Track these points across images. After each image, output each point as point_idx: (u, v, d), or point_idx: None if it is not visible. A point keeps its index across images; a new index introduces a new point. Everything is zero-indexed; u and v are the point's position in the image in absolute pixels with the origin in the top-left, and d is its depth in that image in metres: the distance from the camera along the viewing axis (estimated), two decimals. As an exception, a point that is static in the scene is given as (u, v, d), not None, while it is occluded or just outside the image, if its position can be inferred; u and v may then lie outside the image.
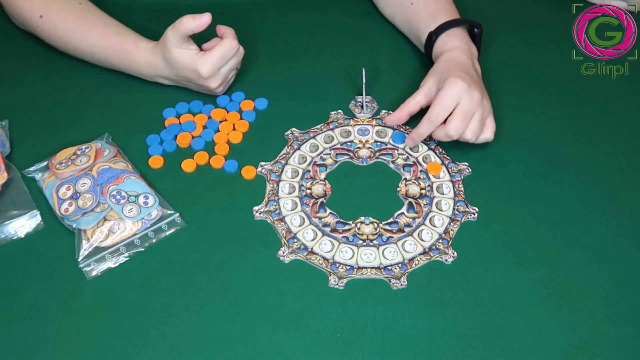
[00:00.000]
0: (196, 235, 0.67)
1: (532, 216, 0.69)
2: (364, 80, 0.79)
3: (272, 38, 0.89)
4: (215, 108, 0.79)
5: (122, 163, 0.71)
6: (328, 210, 0.70)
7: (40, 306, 0.62)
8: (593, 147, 0.76)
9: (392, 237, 0.67)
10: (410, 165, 0.74)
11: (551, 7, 0.94)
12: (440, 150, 0.76)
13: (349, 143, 0.77)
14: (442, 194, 0.71)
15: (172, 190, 0.71)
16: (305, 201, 0.70)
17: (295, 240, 0.67)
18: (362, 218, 0.69)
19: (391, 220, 0.69)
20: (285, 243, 0.67)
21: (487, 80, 0.79)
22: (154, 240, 0.67)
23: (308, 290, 0.63)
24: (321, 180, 0.73)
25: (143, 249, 0.66)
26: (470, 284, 0.64)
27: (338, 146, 0.76)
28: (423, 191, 0.72)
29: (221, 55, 0.73)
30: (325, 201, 0.71)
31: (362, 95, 0.80)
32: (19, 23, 0.85)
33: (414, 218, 0.69)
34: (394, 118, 0.75)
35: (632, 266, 0.65)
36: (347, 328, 0.61)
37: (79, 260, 0.64)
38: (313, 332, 0.60)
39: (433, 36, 0.79)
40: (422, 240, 0.67)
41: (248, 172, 0.73)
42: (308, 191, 0.71)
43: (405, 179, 0.73)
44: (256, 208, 0.70)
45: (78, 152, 0.72)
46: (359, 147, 0.76)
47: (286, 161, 0.74)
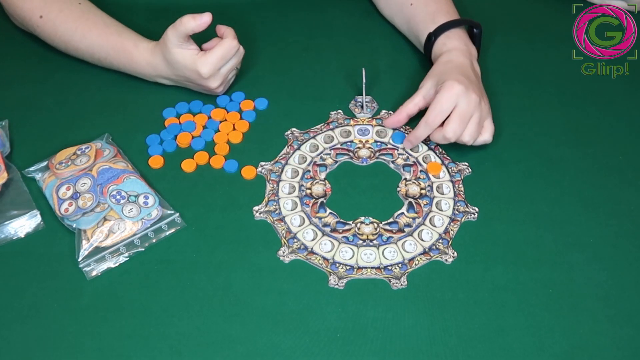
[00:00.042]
0: (196, 235, 0.67)
1: (532, 216, 0.69)
2: (364, 80, 0.79)
3: (272, 38, 0.89)
4: (215, 108, 0.79)
5: (122, 163, 0.71)
6: (328, 210, 0.70)
7: (40, 306, 0.62)
8: (593, 147, 0.76)
9: (392, 237, 0.67)
10: (410, 165, 0.74)
11: (551, 7, 0.94)
12: (440, 150, 0.76)
13: (349, 143, 0.77)
14: (442, 194, 0.71)
15: (172, 190, 0.71)
16: (305, 201, 0.70)
17: (295, 240, 0.67)
18: (362, 218, 0.69)
19: (391, 220, 0.69)
20: (285, 243, 0.67)
21: (487, 80, 0.79)
22: (154, 240, 0.67)
23: (308, 290, 0.63)
24: (321, 180, 0.73)
25: (143, 249, 0.66)
26: (470, 284, 0.64)
27: (338, 146, 0.76)
28: (423, 191, 0.72)
29: (221, 55, 0.73)
30: (325, 201, 0.71)
31: (362, 95, 0.80)
32: (19, 23, 0.85)
33: (414, 218, 0.69)
34: (393, 120, 0.75)
35: (632, 266, 0.65)
36: (347, 328, 0.60)
37: (79, 260, 0.64)
38: (313, 332, 0.60)
39: (432, 37, 0.79)
40: (422, 240, 0.67)
41: (248, 172, 0.73)
42: (308, 191, 0.71)
43: (405, 179, 0.73)
44: (256, 208, 0.70)
45: (78, 152, 0.71)
46: (359, 147, 0.76)
47: (286, 161, 0.74)
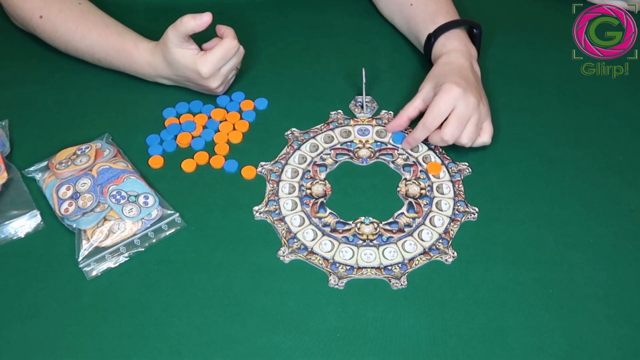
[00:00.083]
0: (196, 235, 0.67)
1: (532, 216, 0.69)
2: (364, 80, 0.79)
3: (272, 38, 0.89)
4: (215, 108, 0.79)
5: (122, 163, 0.71)
6: (328, 210, 0.70)
7: (40, 306, 0.62)
8: (593, 147, 0.76)
9: (392, 237, 0.67)
10: (410, 165, 0.74)
11: (551, 7, 0.94)
12: (440, 150, 0.76)
13: (349, 143, 0.77)
14: (442, 194, 0.71)
15: (172, 190, 0.71)
16: (305, 201, 0.70)
17: (295, 240, 0.67)
18: (362, 218, 0.69)
19: (391, 220, 0.69)
20: (285, 243, 0.67)
21: (487, 80, 0.79)
22: (154, 240, 0.67)
23: (308, 290, 0.63)
24: (321, 180, 0.73)
25: (143, 249, 0.66)
26: (470, 284, 0.64)
27: (338, 146, 0.76)
28: (423, 191, 0.72)
29: (221, 55, 0.73)
30: (325, 201, 0.71)
31: (362, 95, 0.80)
32: (19, 23, 0.85)
33: (414, 218, 0.69)
34: (394, 125, 0.75)
35: (632, 266, 0.65)
36: (347, 328, 0.60)
37: (79, 260, 0.64)
38: (313, 332, 0.60)
39: (432, 38, 0.79)
40: (422, 240, 0.67)
41: (248, 172, 0.73)
42: (308, 191, 0.71)
43: (405, 179, 0.73)
44: (256, 208, 0.70)
45: (78, 152, 0.71)
46: (359, 147, 0.76)
47: (286, 161, 0.74)
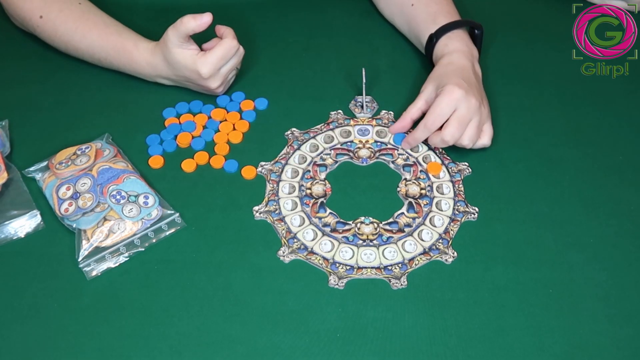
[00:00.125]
0: (196, 235, 0.67)
1: (532, 216, 0.69)
2: (364, 80, 0.79)
3: (272, 38, 0.89)
4: (215, 108, 0.79)
5: (122, 163, 0.71)
6: (328, 210, 0.70)
7: (40, 306, 0.62)
8: (593, 147, 0.76)
9: (392, 237, 0.67)
10: (410, 165, 0.74)
11: (551, 7, 0.94)
12: (440, 150, 0.76)
13: (349, 143, 0.77)
14: (442, 194, 0.71)
15: (172, 190, 0.71)
16: (305, 201, 0.70)
17: (295, 240, 0.67)
18: (362, 218, 0.69)
19: (391, 220, 0.69)
20: (285, 243, 0.67)
21: (487, 80, 0.79)
22: (154, 240, 0.67)
23: (308, 290, 0.63)
24: (321, 180, 0.73)
25: (143, 249, 0.66)
26: (470, 284, 0.64)
27: (338, 146, 0.76)
28: (423, 191, 0.72)
29: (221, 55, 0.73)
30: (325, 201, 0.71)
31: (362, 95, 0.80)
32: (19, 23, 0.85)
33: (414, 218, 0.69)
34: (398, 127, 0.76)
35: (632, 266, 0.65)
36: (347, 328, 0.60)
37: (79, 260, 0.64)
38: (313, 332, 0.60)
39: (434, 38, 0.79)
40: (422, 240, 0.67)
41: (248, 172, 0.73)
42: (308, 191, 0.71)
43: (405, 179, 0.73)
44: (256, 208, 0.70)
45: (78, 152, 0.71)
46: (359, 147, 0.76)
47: (286, 161, 0.74)
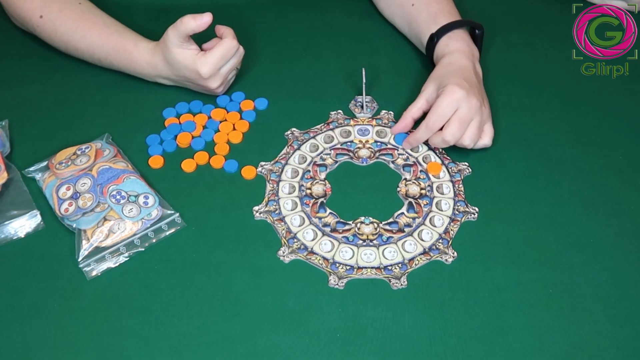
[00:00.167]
0: (196, 235, 0.67)
1: (532, 216, 0.69)
2: (364, 80, 0.79)
3: (272, 38, 0.89)
4: (215, 108, 0.79)
5: (122, 163, 0.71)
6: (328, 210, 0.70)
7: (40, 306, 0.62)
8: (593, 147, 0.76)
9: (392, 237, 0.67)
10: (410, 165, 0.74)
11: (551, 7, 0.94)
12: (440, 150, 0.76)
13: (349, 143, 0.77)
14: (442, 194, 0.71)
15: (172, 190, 0.71)
16: (305, 201, 0.70)
17: (295, 240, 0.67)
18: (362, 218, 0.69)
19: (391, 220, 0.69)
20: (285, 243, 0.67)
21: (487, 80, 0.79)
22: (154, 240, 0.67)
23: (308, 290, 0.63)
24: (321, 180, 0.73)
25: (143, 249, 0.66)
26: (470, 284, 0.64)
27: (338, 146, 0.76)
28: (423, 191, 0.72)
29: (221, 55, 0.73)
30: (325, 201, 0.71)
31: (362, 95, 0.80)
32: (19, 23, 0.85)
33: (414, 218, 0.69)
34: (399, 127, 0.75)
35: (632, 266, 0.65)
36: (347, 328, 0.60)
37: (79, 260, 0.64)
38: (313, 332, 0.60)
39: (434, 38, 0.79)
40: (422, 240, 0.67)
41: (248, 172, 0.73)
42: (308, 191, 0.71)
43: (405, 179, 0.73)
44: (256, 208, 0.70)
45: (78, 152, 0.71)
46: (359, 147, 0.76)
47: (286, 161, 0.74)
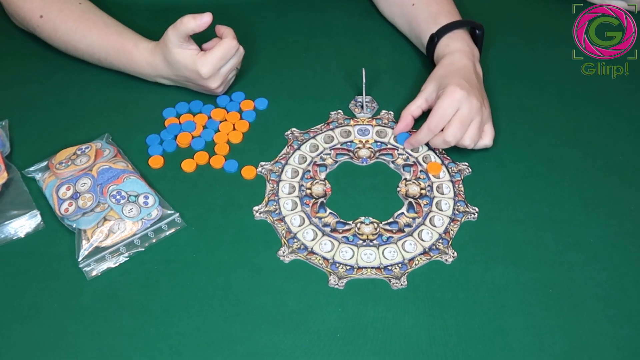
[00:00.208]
0: (196, 235, 0.67)
1: (532, 216, 0.69)
2: (364, 80, 0.79)
3: (272, 38, 0.89)
4: (215, 108, 0.79)
5: (122, 163, 0.71)
6: (328, 210, 0.70)
7: (40, 306, 0.62)
8: (593, 147, 0.76)
9: (392, 237, 0.67)
10: (410, 165, 0.74)
11: (551, 7, 0.94)
12: (440, 150, 0.76)
13: (349, 143, 0.77)
14: (442, 194, 0.71)
15: (172, 190, 0.71)
16: (305, 201, 0.70)
17: (295, 240, 0.67)
18: (362, 218, 0.69)
19: (391, 220, 0.69)
20: (285, 243, 0.67)
21: (487, 80, 0.79)
22: (154, 240, 0.67)
23: (308, 290, 0.63)
24: (321, 180, 0.73)
25: (143, 249, 0.66)
26: (470, 284, 0.64)
27: (338, 146, 0.76)
28: (423, 191, 0.72)
29: (221, 55, 0.73)
30: (325, 201, 0.71)
31: (362, 95, 0.80)
32: (19, 23, 0.85)
33: (414, 218, 0.69)
34: (401, 126, 0.75)
35: (632, 266, 0.65)
36: (347, 328, 0.60)
37: (79, 260, 0.64)
38: (313, 332, 0.60)
39: (435, 38, 0.79)
40: (422, 240, 0.67)
41: (248, 172, 0.73)
42: (308, 191, 0.71)
43: (405, 179, 0.73)
44: (256, 208, 0.70)
45: (78, 152, 0.71)
46: (359, 147, 0.76)
47: (286, 161, 0.74)
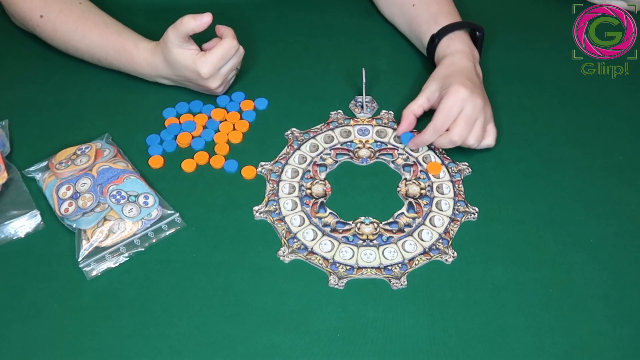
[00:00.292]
0: (196, 235, 0.67)
1: (532, 216, 0.69)
2: (364, 80, 0.79)
3: (272, 38, 0.89)
4: (215, 108, 0.79)
5: (122, 163, 0.71)
6: (328, 210, 0.70)
7: (40, 306, 0.62)
8: (593, 147, 0.76)
9: (392, 237, 0.67)
10: (410, 165, 0.74)
11: (551, 7, 0.94)
12: (440, 150, 0.76)
13: (349, 143, 0.77)
14: (442, 194, 0.71)
15: (172, 190, 0.71)
16: (305, 201, 0.70)
17: (295, 240, 0.67)
18: (362, 218, 0.69)
19: (391, 220, 0.69)
20: (285, 243, 0.67)
21: (487, 80, 0.79)
22: (154, 240, 0.67)
23: (308, 290, 0.63)
24: (321, 180, 0.73)
25: (143, 249, 0.66)
26: (470, 284, 0.64)
27: (338, 146, 0.76)
28: (423, 191, 0.72)
29: (221, 55, 0.73)
30: (325, 201, 0.71)
31: (362, 95, 0.80)
32: (19, 23, 0.85)
33: (414, 218, 0.69)
34: (404, 126, 0.75)
35: (632, 266, 0.65)
36: (347, 328, 0.60)
37: (79, 260, 0.64)
38: (313, 332, 0.60)
39: (436, 39, 0.79)
40: (422, 240, 0.67)
41: (248, 172, 0.73)
42: (308, 191, 0.71)
43: (405, 179, 0.73)
44: (256, 208, 0.70)
45: (78, 152, 0.71)
46: (359, 147, 0.76)
47: (286, 161, 0.74)
